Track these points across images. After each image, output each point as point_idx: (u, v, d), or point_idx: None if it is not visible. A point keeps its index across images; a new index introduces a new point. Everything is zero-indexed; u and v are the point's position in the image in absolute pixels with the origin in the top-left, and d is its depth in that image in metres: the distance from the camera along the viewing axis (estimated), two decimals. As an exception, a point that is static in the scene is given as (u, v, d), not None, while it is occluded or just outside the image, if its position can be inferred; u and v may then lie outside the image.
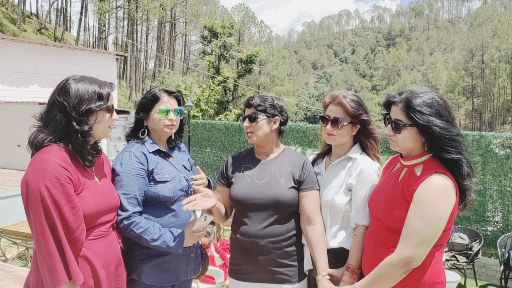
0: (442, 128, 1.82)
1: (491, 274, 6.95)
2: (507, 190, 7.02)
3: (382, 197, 2.00)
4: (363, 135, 2.32)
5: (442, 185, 1.81)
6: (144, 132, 2.31)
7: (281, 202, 2.26)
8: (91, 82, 1.90)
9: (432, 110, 1.84)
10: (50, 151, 1.77)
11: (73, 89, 1.84)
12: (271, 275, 2.28)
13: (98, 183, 1.94)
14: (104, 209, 1.91)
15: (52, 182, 1.69)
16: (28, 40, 14.08)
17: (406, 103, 1.89)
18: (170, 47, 59.11)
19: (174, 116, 2.30)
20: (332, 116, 2.26)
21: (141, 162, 2.18)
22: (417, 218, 1.80)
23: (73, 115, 1.81)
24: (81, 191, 1.81)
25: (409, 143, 1.92)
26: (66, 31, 49.65)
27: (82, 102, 1.83)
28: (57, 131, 1.82)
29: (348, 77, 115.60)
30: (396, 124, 1.92)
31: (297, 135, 9.20)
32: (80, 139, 1.83)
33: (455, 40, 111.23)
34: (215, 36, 36.05)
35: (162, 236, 2.11)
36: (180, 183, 2.28)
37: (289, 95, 53.31)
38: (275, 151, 2.43)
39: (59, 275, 1.69)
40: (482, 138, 7.21)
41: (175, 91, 2.35)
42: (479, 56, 69.98)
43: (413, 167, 1.93)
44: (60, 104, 1.83)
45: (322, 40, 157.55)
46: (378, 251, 1.93)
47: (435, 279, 1.86)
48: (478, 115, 71.61)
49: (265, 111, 2.32)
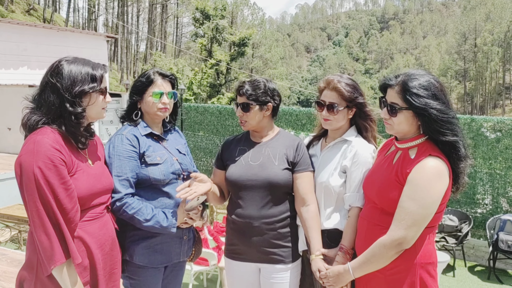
0: (439, 111, 1.82)
1: (480, 255, 7.10)
2: (497, 173, 7.11)
3: (376, 179, 2.02)
4: (360, 118, 2.32)
5: (436, 167, 1.82)
6: (138, 115, 2.30)
7: (274, 183, 2.28)
8: (84, 63, 1.88)
9: (428, 92, 1.84)
10: (43, 133, 1.76)
11: (66, 71, 1.82)
12: (266, 255, 2.31)
13: (92, 165, 1.94)
14: (97, 191, 1.91)
15: (46, 164, 1.69)
16: (17, 22, 13.81)
17: (402, 86, 1.88)
18: (161, 29, 58.33)
19: (167, 100, 2.29)
20: (328, 101, 2.26)
21: (133, 145, 2.19)
22: (410, 200, 1.81)
23: (66, 96, 1.80)
24: (75, 173, 1.81)
25: (405, 126, 1.92)
26: (55, 12, 48.70)
27: (75, 84, 1.82)
28: (50, 113, 1.81)
29: (342, 60, 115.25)
30: (392, 107, 1.92)
31: (290, 118, 9.20)
32: (74, 120, 1.82)
33: (448, 23, 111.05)
34: (207, 18, 35.57)
35: (154, 216, 2.12)
36: (173, 166, 2.28)
37: (282, 79, 53.07)
38: (270, 133, 2.45)
39: (55, 254, 1.70)
40: (473, 122, 7.27)
41: (169, 74, 2.34)
42: (472, 39, 69.98)
43: (407, 150, 1.94)
44: (53, 86, 1.81)
45: (315, 23, 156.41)
46: (372, 232, 1.95)
47: (427, 260, 1.89)
48: (470, 99, 71.96)
49: (257, 100, 2.33)
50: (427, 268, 1.90)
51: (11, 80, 11.68)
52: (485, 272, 6.55)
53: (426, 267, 1.89)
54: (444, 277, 6.23)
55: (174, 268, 2.39)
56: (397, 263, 1.88)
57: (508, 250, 6.19)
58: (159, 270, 2.28)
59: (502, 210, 7.08)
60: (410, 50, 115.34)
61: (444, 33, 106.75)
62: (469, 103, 71.57)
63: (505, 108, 67.76)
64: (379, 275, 1.94)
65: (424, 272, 1.88)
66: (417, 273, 1.87)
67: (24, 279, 1.83)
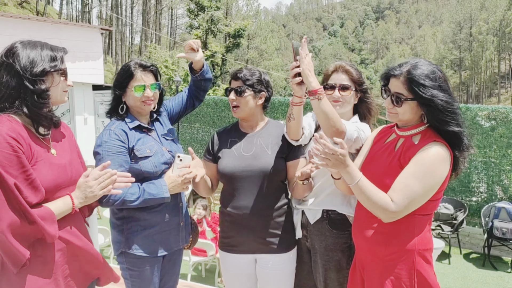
0: (445, 102, 1.83)
1: (475, 242, 7.18)
2: (491, 161, 7.17)
3: (376, 166, 2.02)
4: (363, 104, 2.43)
5: (440, 152, 1.84)
6: (123, 108, 2.27)
7: (269, 173, 2.29)
8: (42, 45, 1.79)
9: (434, 83, 1.84)
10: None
11: (24, 51, 1.72)
12: (262, 245, 2.33)
13: (55, 155, 1.80)
14: (63, 182, 1.77)
15: (2, 153, 1.57)
16: (10, 15, 13.67)
17: (407, 77, 1.88)
18: (156, 21, 57.87)
19: (151, 92, 2.24)
20: (339, 83, 2.36)
21: (121, 140, 2.17)
22: (415, 179, 1.83)
23: (26, 76, 1.68)
24: (35, 164, 1.68)
25: (409, 115, 1.93)
26: (48, 5, 48.20)
27: (35, 63, 1.71)
28: (6, 96, 1.68)
29: (337, 51, 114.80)
30: (397, 97, 1.91)
31: (286, 109, 9.19)
32: (37, 100, 1.70)
33: (443, 12, 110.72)
34: (202, 10, 35.32)
35: (144, 192, 2.11)
36: (163, 157, 2.27)
37: (278, 70, 52.90)
38: (260, 123, 2.46)
39: (20, 252, 1.59)
40: (468, 111, 7.31)
41: (149, 65, 2.27)
42: (467, 28, 69.90)
43: (410, 137, 1.96)
44: (9, 65, 1.69)
45: (310, 13, 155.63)
46: (370, 219, 1.96)
47: (424, 246, 1.92)
48: (465, 88, 72.09)
49: (252, 86, 2.34)
50: (424, 254, 1.92)
51: (5, 74, 11.59)
52: (480, 259, 6.63)
53: (423, 253, 1.92)
54: (439, 265, 6.31)
55: (171, 257, 2.39)
56: (395, 249, 1.91)
57: (502, 237, 6.27)
58: (158, 259, 2.28)
59: (497, 198, 7.15)
60: (406, 40, 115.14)
61: (440, 22, 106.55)
62: (464, 92, 71.72)
63: (500, 97, 67.95)
64: (376, 260, 1.96)
65: (420, 258, 1.91)
66: (414, 259, 1.89)
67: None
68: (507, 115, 7.06)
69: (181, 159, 2.20)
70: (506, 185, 7.14)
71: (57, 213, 1.70)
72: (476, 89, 71.05)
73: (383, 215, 1.85)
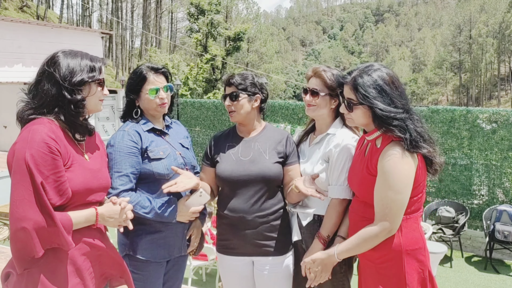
0: (383, 110, 1.89)
1: (477, 245, 7.16)
2: (492, 164, 7.16)
3: (355, 173, 2.09)
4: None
5: (396, 152, 1.88)
6: (137, 113, 2.30)
7: (267, 178, 2.32)
8: (82, 55, 1.86)
9: (374, 90, 1.92)
10: (39, 123, 1.72)
11: (64, 61, 1.79)
12: (259, 248, 2.34)
13: (88, 160, 1.88)
14: (93, 187, 1.85)
15: (38, 152, 1.62)
16: (10, 19, 13.69)
17: (353, 84, 1.97)
18: (156, 25, 57.98)
19: (164, 94, 2.29)
20: (311, 87, 2.34)
21: (134, 140, 2.19)
22: (386, 189, 1.88)
23: (65, 85, 1.76)
24: (71, 166, 1.75)
25: (363, 119, 2.00)
26: (49, 9, 48.33)
27: (74, 73, 1.78)
28: (47, 103, 1.76)
29: (337, 54, 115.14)
30: (348, 103, 2.01)
31: (286, 112, 9.19)
32: (73, 109, 1.77)
33: (443, 15, 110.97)
34: (202, 13, 35.40)
35: (153, 209, 2.14)
36: (176, 161, 2.28)
37: (278, 73, 52.96)
38: (257, 128, 2.48)
39: (36, 246, 1.61)
40: (469, 113, 7.30)
41: (161, 68, 2.33)
42: (467, 31, 69.97)
43: (374, 141, 2.02)
44: (50, 75, 1.77)
45: (310, 17, 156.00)
46: (359, 224, 2.00)
47: (413, 246, 1.94)
48: (465, 91, 72.06)
49: (245, 90, 2.36)
50: (414, 254, 1.94)
51: (6, 78, 11.60)
52: (482, 262, 6.61)
53: (413, 253, 1.94)
54: (441, 268, 6.29)
55: (176, 263, 2.40)
56: (384, 252, 1.94)
57: (504, 240, 6.25)
58: (162, 264, 2.29)
59: (498, 201, 7.14)
60: (405, 43, 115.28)
61: (439, 25, 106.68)
62: (464, 95, 71.71)
63: (500, 99, 67.98)
64: (369, 264, 2.01)
65: (410, 258, 1.93)
66: (404, 260, 1.92)
67: (10, 273, 1.75)
68: (508, 117, 7.06)
69: (201, 195, 2.21)
70: (508, 188, 7.13)
71: (76, 222, 1.74)
72: (476, 92, 71.03)
73: (388, 236, 1.91)
